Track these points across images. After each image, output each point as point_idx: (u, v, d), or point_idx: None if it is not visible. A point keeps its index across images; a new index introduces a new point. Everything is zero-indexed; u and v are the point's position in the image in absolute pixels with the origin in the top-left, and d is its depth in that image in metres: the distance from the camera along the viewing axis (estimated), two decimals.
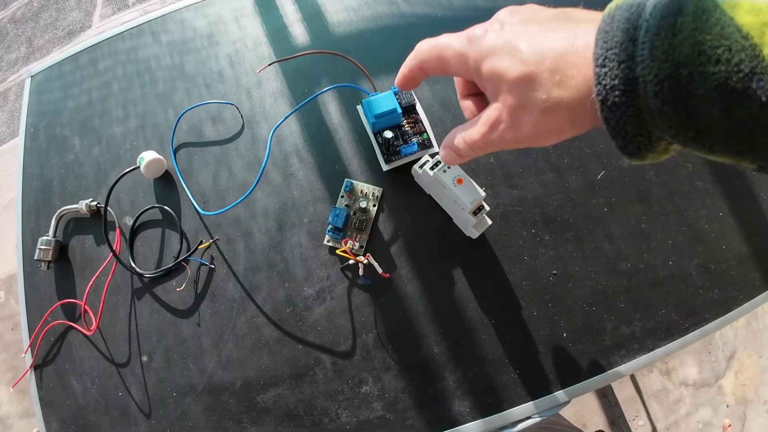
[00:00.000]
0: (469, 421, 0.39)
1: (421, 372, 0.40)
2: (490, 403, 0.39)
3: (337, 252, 0.41)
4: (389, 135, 0.41)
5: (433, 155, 0.40)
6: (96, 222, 0.48)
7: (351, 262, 0.41)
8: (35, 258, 0.46)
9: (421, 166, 0.39)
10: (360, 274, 0.41)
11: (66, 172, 0.50)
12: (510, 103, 0.21)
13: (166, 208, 0.46)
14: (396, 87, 0.27)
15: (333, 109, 0.48)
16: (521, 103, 0.20)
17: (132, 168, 0.46)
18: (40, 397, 0.45)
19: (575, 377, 0.40)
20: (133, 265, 0.45)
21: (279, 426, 0.40)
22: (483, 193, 0.36)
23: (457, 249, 0.42)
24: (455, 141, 0.25)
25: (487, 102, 0.23)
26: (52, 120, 0.53)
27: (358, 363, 0.41)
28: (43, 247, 0.45)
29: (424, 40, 0.25)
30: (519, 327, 0.41)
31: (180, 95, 0.51)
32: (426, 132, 0.43)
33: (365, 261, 0.40)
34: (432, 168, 0.38)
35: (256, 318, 0.43)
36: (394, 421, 0.40)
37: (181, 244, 0.45)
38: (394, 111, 0.41)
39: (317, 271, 0.43)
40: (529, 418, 0.40)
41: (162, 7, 0.58)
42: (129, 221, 0.47)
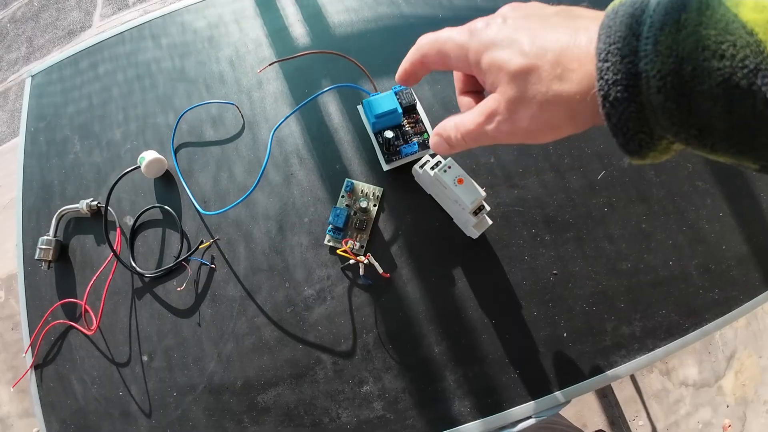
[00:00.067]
0: (470, 421, 0.39)
1: (422, 372, 0.40)
2: (490, 403, 0.40)
3: (338, 252, 0.41)
4: (390, 135, 0.41)
5: (434, 155, 0.40)
6: (96, 222, 0.48)
7: (351, 261, 0.41)
8: (36, 258, 0.46)
9: (422, 166, 0.39)
10: (360, 273, 0.41)
11: (66, 171, 0.50)
12: (509, 95, 0.20)
13: (166, 207, 0.46)
14: (396, 82, 0.27)
15: (333, 109, 0.48)
16: (520, 96, 0.20)
17: (132, 168, 0.46)
18: (40, 397, 0.45)
19: (575, 377, 0.40)
20: (134, 265, 0.45)
21: (279, 426, 0.40)
22: (483, 193, 0.36)
23: (458, 249, 0.42)
24: (447, 128, 0.24)
25: None
26: (52, 120, 0.53)
27: (358, 363, 0.41)
28: (44, 247, 0.45)
29: (425, 34, 0.25)
30: (519, 327, 0.41)
31: (180, 97, 0.51)
32: (426, 132, 0.43)
33: (366, 261, 0.40)
34: (433, 168, 0.38)
35: (256, 318, 0.43)
36: (394, 421, 0.40)
37: (182, 243, 0.45)
38: (394, 111, 0.41)
39: (318, 271, 0.43)
40: (530, 417, 0.40)
41: (162, 7, 0.58)
42: (129, 221, 0.47)
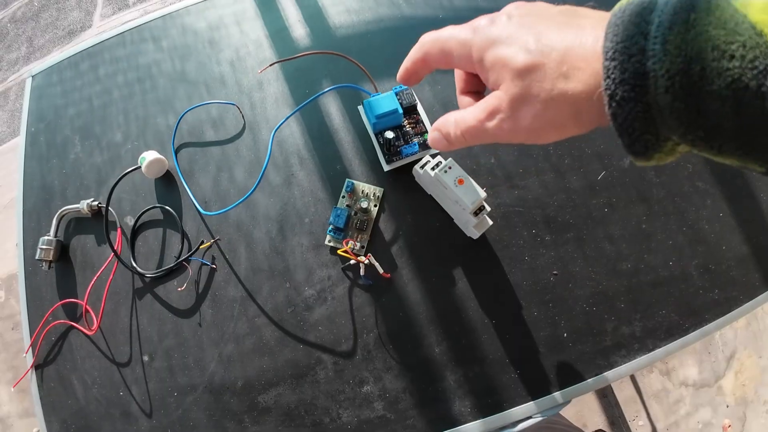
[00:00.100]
0: (470, 421, 0.39)
1: (422, 372, 0.40)
2: (490, 403, 0.40)
3: (339, 252, 0.41)
4: (390, 135, 0.41)
5: (434, 156, 0.40)
6: (97, 222, 0.48)
7: (352, 262, 0.41)
8: (36, 258, 0.46)
9: (422, 166, 0.39)
10: (361, 274, 0.41)
11: (67, 172, 0.50)
12: (512, 93, 0.20)
13: (167, 208, 0.46)
14: (398, 82, 0.27)
15: (334, 110, 0.48)
16: (524, 93, 0.20)
17: (133, 168, 0.46)
18: (41, 397, 0.45)
19: (575, 377, 0.40)
20: (135, 265, 0.45)
21: (280, 426, 0.40)
22: (484, 194, 0.36)
23: (458, 249, 0.43)
24: (447, 124, 0.24)
25: None
26: (53, 120, 0.53)
27: (359, 363, 0.41)
28: (45, 247, 0.46)
29: (427, 33, 0.24)
30: (519, 327, 0.41)
31: (181, 99, 0.51)
32: (427, 132, 0.43)
33: (366, 261, 0.40)
34: (433, 168, 0.38)
35: (257, 318, 0.43)
36: (395, 421, 0.40)
37: (183, 244, 0.45)
38: (395, 111, 0.41)
39: (318, 272, 0.43)
40: (530, 417, 0.40)
41: (162, 7, 0.58)
42: (130, 221, 0.47)
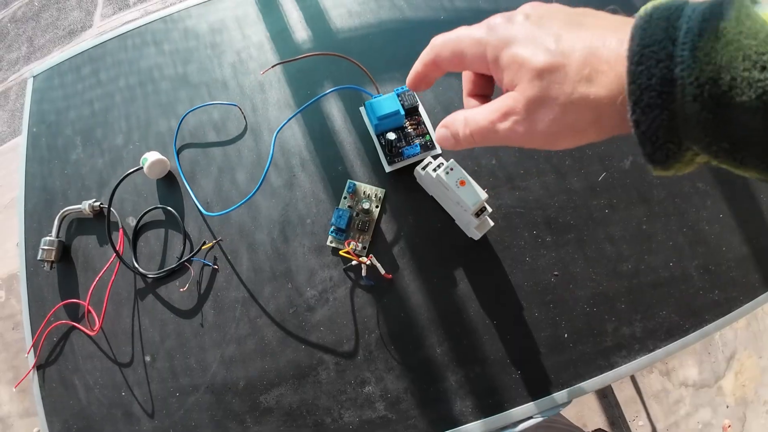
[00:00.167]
0: (471, 421, 0.39)
1: (424, 372, 0.41)
2: (491, 403, 0.40)
3: (340, 253, 0.41)
4: (392, 137, 0.41)
5: (436, 157, 0.40)
6: (99, 222, 0.48)
7: (354, 263, 0.41)
8: (38, 258, 0.46)
9: (424, 167, 0.40)
10: (363, 275, 0.41)
11: (69, 172, 0.50)
12: (529, 94, 0.19)
13: (169, 208, 0.46)
14: (408, 87, 0.26)
15: (336, 111, 0.48)
16: (542, 95, 0.19)
17: (135, 169, 0.46)
18: (42, 397, 0.45)
19: (576, 377, 0.40)
20: (137, 266, 0.45)
21: (282, 426, 0.41)
22: (485, 195, 0.36)
23: (459, 250, 0.43)
24: (456, 122, 0.23)
25: None
26: (54, 121, 0.53)
27: (360, 363, 0.41)
28: (46, 248, 0.46)
29: (438, 35, 0.23)
30: (520, 328, 0.41)
31: (183, 102, 0.50)
32: (428, 134, 0.44)
33: (368, 262, 0.41)
34: (435, 170, 0.38)
35: (258, 318, 0.43)
36: (396, 421, 0.40)
37: (184, 244, 0.45)
38: (396, 113, 0.41)
39: (320, 272, 0.43)
40: (531, 418, 0.40)
41: (163, 8, 0.58)
42: (132, 222, 0.47)
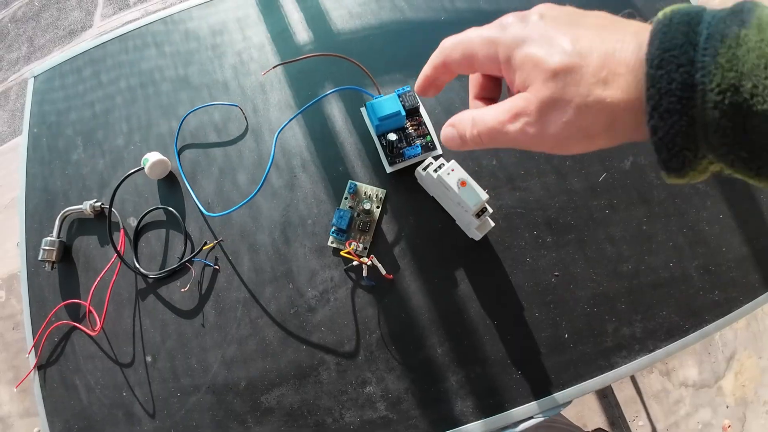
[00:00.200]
0: (472, 421, 0.40)
1: (424, 372, 0.41)
2: (492, 404, 0.40)
3: (341, 253, 0.41)
4: (393, 137, 0.41)
5: (437, 158, 0.40)
6: (100, 223, 0.48)
7: (355, 263, 0.42)
8: (39, 258, 0.46)
9: (425, 168, 0.40)
10: (364, 275, 0.41)
11: (70, 172, 0.50)
12: (542, 95, 0.18)
13: (170, 209, 0.46)
14: (416, 92, 0.25)
15: (337, 112, 0.48)
16: (556, 97, 0.18)
17: (136, 169, 0.46)
18: (43, 398, 0.45)
19: (577, 378, 0.40)
20: (138, 266, 0.45)
21: (283, 426, 0.41)
22: (486, 196, 0.37)
23: (460, 250, 0.43)
24: (463, 121, 0.22)
25: None
26: (55, 121, 0.53)
27: (361, 363, 0.41)
28: (47, 248, 0.46)
29: (447, 37, 0.23)
30: (521, 328, 0.41)
31: (184, 103, 0.51)
32: (429, 134, 0.44)
33: (369, 262, 0.41)
34: (435, 170, 0.38)
35: (260, 319, 0.43)
36: (397, 421, 0.40)
37: (186, 245, 0.45)
38: (397, 114, 0.41)
39: (321, 273, 0.43)
40: (531, 418, 0.40)
41: (164, 8, 0.58)
42: (133, 222, 0.47)
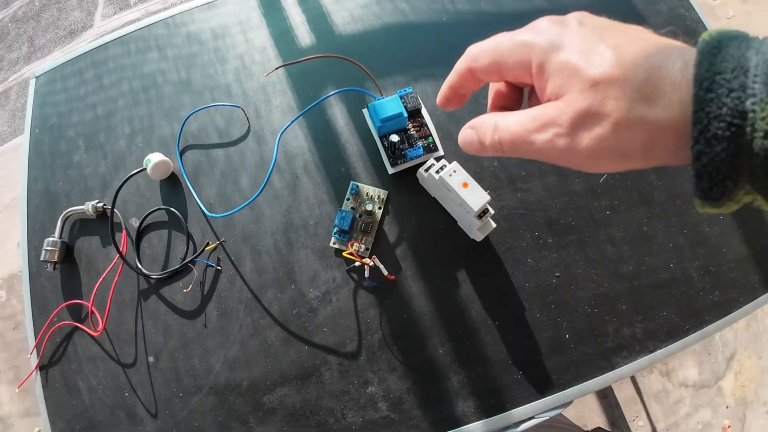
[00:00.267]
0: (473, 422, 0.40)
1: (426, 373, 0.41)
2: (493, 404, 0.40)
3: (343, 254, 0.41)
4: (395, 138, 0.42)
5: (439, 159, 0.40)
6: (102, 223, 0.48)
7: (357, 264, 0.42)
8: (41, 259, 0.46)
9: (427, 169, 0.40)
10: (366, 276, 0.41)
11: (71, 173, 0.50)
12: (578, 106, 0.17)
13: (172, 209, 0.46)
14: (438, 105, 0.24)
15: (339, 113, 0.48)
16: (593, 109, 0.17)
17: (139, 170, 0.46)
18: (45, 398, 0.45)
19: (577, 378, 0.40)
20: (140, 266, 0.45)
21: (285, 426, 0.41)
22: (488, 197, 0.37)
23: (462, 251, 0.43)
24: (485, 125, 0.20)
25: None
26: (57, 122, 0.53)
27: (363, 364, 0.41)
28: (49, 248, 0.46)
29: (473, 44, 0.21)
30: (522, 329, 0.41)
31: (186, 106, 0.51)
32: (431, 136, 0.44)
33: (371, 263, 0.41)
34: (437, 171, 0.38)
35: (262, 319, 0.43)
36: (398, 421, 0.40)
37: (188, 245, 0.46)
38: (400, 115, 0.41)
39: (323, 273, 0.43)
40: (532, 418, 0.41)
41: (164, 8, 0.58)
42: (135, 222, 0.47)
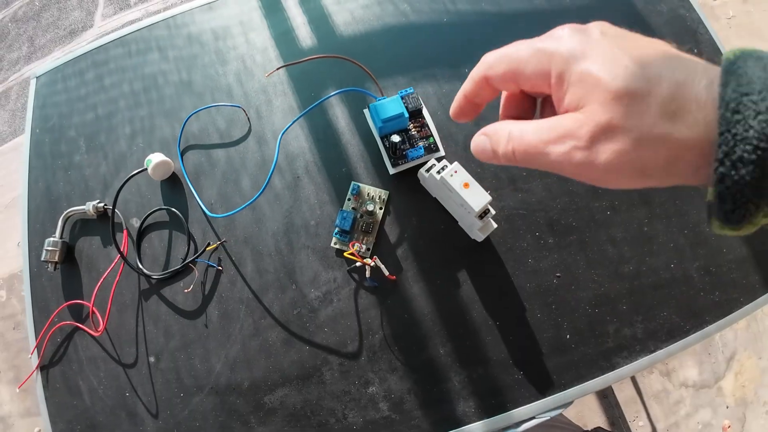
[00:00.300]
0: (474, 422, 0.40)
1: (427, 373, 0.41)
2: (494, 404, 0.40)
3: (344, 254, 0.42)
4: (396, 139, 0.42)
5: (440, 159, 0.40)
6: (103, 224, 0.48)
7: (358, 264, 0.42)
8: (42, 259, 0.46)
9: (428, 170, 0.40)
10: (366, 276, 0.41)
11: (72, 174, 0.50)
12: (599, 119, 0.16)
13: (173, 210, 0.46)
14: (451, 117, 0.23)
15: (340, 113, 0.48)
16: (614, 123, 0.16)
17: (139, 170, 0.46)
18: (46, 398, 0.45)
19: (578, 378, 0.40)
20: (141, 267, 0.45)
21: (286, 426, 0.41)
22: (489, 197, 0.37)
23: (463, 251, 0.43)
24: (499, 133, 0.20)
25: None
26: (57, 123, 0.53)
27: (364, 364, 0.41)
28: (50, 248, 0.46)
29: (489, 52, 0.21)
30: (523, 329, 0.41)
31: (187, 107, 0.51)
32: (432, 136, 0.44)
33: (372, 263, 0.41)
34: (439, 172, 0.38)
35: (263, 319, 0.43)
36: (399, 422, 0.40)
37: (189, 245, 0.46)
38: (401, 115, 0.41)
39: (324, 274, 0.43)
40: (533, 418, 0.41)
41: (164, 8, 0.58)
42: (136, 223, 0.47)
